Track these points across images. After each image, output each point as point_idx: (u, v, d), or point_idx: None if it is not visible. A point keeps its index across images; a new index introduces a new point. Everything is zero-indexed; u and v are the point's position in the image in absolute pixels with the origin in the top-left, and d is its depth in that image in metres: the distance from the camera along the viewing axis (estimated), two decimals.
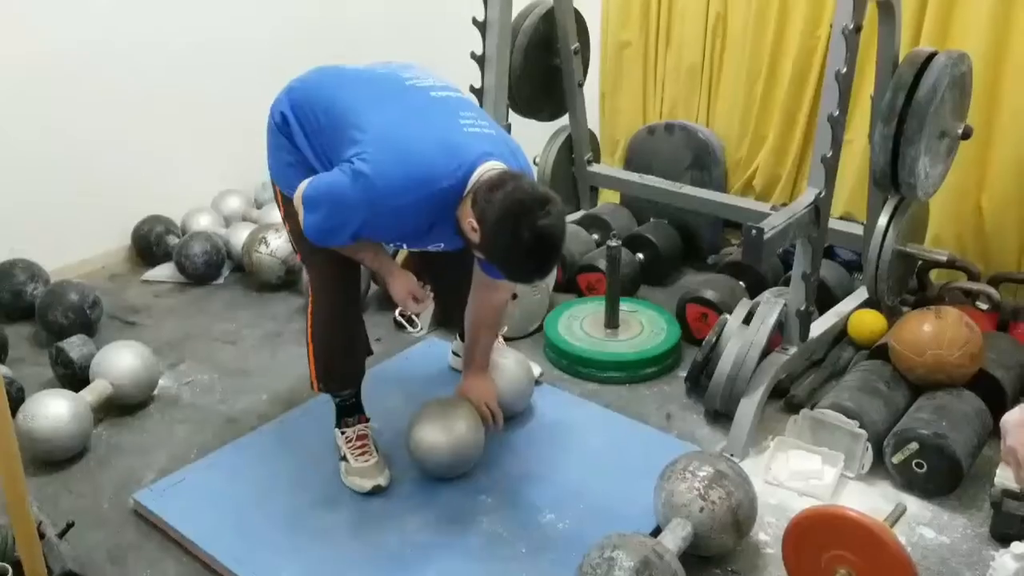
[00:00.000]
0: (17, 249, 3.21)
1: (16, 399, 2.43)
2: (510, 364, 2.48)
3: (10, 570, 1.36)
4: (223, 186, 3.87)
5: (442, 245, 2.02)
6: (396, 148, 1.86)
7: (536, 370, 2.67)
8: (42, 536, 1.83)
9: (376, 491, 2.21)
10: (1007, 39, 2.81)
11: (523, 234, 1.76)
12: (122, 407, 2.62)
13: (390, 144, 1.86)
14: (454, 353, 2.75)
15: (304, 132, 2.04)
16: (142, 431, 2.56)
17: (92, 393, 2.52)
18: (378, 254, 2.12)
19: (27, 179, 3.26)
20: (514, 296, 2.76)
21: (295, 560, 2.02)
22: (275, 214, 3.68)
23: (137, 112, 3.51)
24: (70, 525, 2.04)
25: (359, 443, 2.26)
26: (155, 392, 2.70)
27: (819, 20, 3.23)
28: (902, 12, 2.61)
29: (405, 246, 2.14)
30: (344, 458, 2.27)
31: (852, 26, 2.28)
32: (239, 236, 3.51)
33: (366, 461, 2.24)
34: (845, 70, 2.31)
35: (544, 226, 1.77)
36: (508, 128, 3.06)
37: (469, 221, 1.84)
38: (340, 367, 2.28)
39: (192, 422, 2.59)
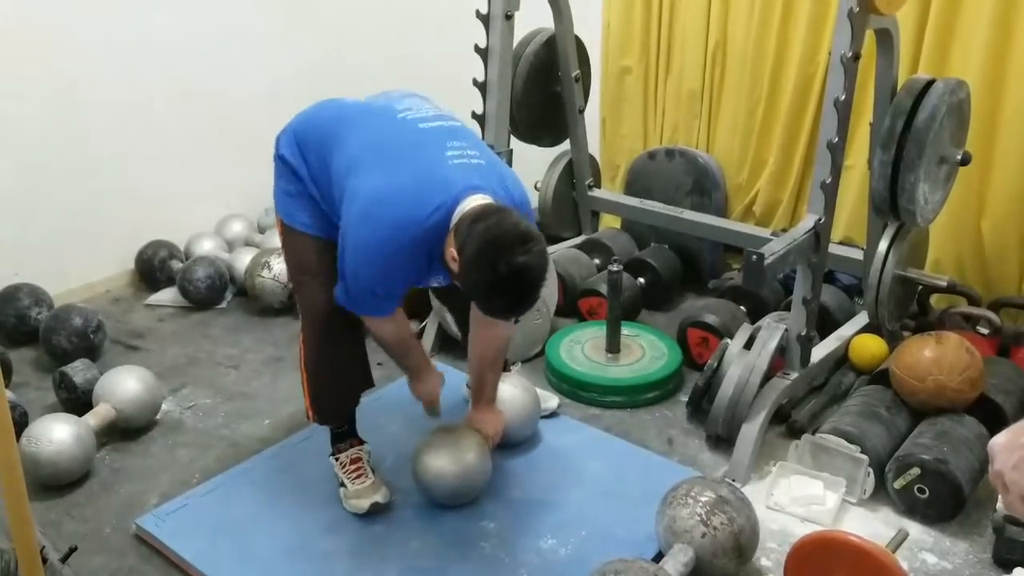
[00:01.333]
0: (21, 274, 3.23)
1: (20, 423, 2.43)
2: (517, 393, 2.48)
3: None
4: (226, 211, 3.90)
5: (441, 279, 2.04)
6: (382, 200, 1.88)
7: (554, 402, 2.68)
8: (45, 561, 1.83)
9: (375, 509, 2.21)
10: (1005, 66, 2.84)
11: (500, 269, 1.74)
12: (125, 431, 2.63)
13: (378, 196, 1.89)
14: (468, 387, 2.74)
15: (306, 164, 2.09)
16: (145, 455, 2.56)
17: (95, 417, 2.53)
18: (410, 352, 2.23)
19: (31, 204, 3.29)
20: (515, 320, 2.75)
21: None
22: (277, 239, 3.71)
23: (141, 138, 3.54)
24: (73, 550, 2.04)
25: (353, 467, 2.27)
26: (158, 416, 2.71)
27: (818, 47, 3.26)
28: (900, 40, 2.64)
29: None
30: (342, 484, 2.27)
31: (851, 54, 2.31)
32: (242, 261, 3.52)
33: (362, 482, 2.24)
34: (844, 97, 2.34)
35: (522, 263, 1.75)
36: (510, 154, 3.09)
37: (451, 251, 1.84)
38: (329, 401, 2.27)
39: (195, 446, 2.60)
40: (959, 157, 2.58)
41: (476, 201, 1.85)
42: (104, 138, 3.44)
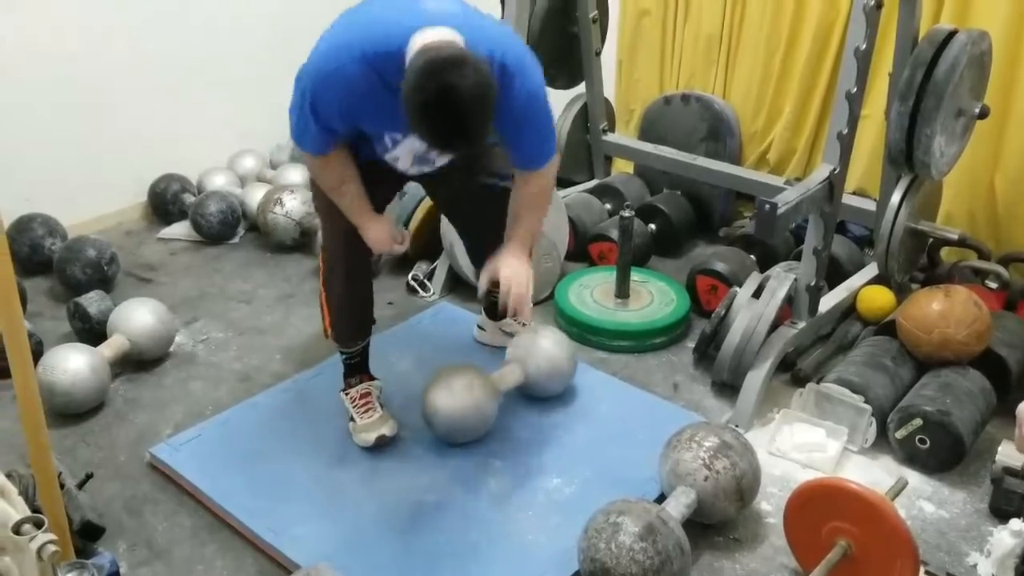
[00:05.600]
0: (34, 203, 3.24)
1: (35, 352, 2.46)
2: (549, 345, 2.42)
3: (46, 521, 1.40)
4: (239, 146, 3.89)
5: (400, 137, 2.04)
6: (346, 20, 1.93)
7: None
8: (62, 486, 1.88)
9: (381, 442, 2.25)
10: None
11: (429, 86, 1.70)
12: (139, 363, 2.66)
13: (342, 20, 1.94)
14: (479, 327, 2.77)
15: None
16: (158, 387, 2.60)
17: (110, 348, 2.56)
18: (355, 200, 2.11)
19: (45, 135, 3.28)
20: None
21: (306, 515, 2.07)
22: (289, 175, 3.72)
23: (155, 71, 3.52)
24: (89, 476, 2.09)
25: (362, 400, 2.31)
26: (171, 349, 2.74)
27: None
28: None
29: (385, 150, 2.10)
30: (351, 418, 2.31)
31: (873, 2, 2.27)
32: (254, 196, 3.53)
33: (369, 416, 2.29)
34: (864, 46, 2.30)
35: (450, 82, 1.69)
36: None
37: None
38: (348, 320, 2.33)
39: (207, 379, 2.64)
40: (977, 110, 2.55)
41: (435, 33, 1.80)
42: (118, 72, 3.42)
